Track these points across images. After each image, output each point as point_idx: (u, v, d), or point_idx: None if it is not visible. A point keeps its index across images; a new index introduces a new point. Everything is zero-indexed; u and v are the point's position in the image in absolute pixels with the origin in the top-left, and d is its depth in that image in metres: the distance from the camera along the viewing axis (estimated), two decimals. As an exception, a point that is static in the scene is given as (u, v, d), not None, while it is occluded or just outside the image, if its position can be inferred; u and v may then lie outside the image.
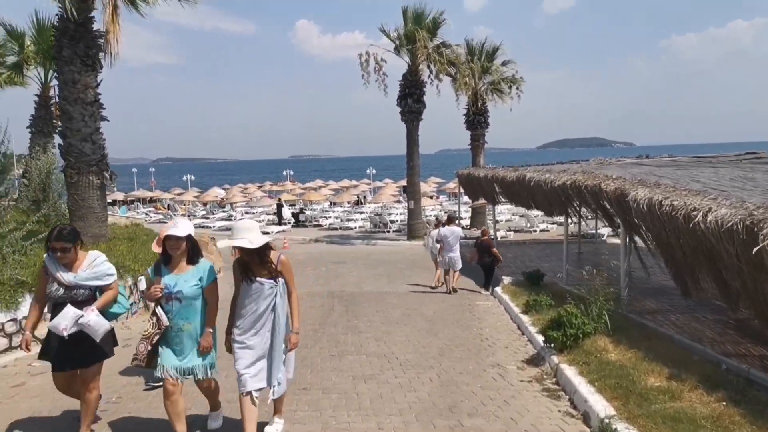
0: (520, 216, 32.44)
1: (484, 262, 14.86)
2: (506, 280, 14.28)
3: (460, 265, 14.62)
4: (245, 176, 70.42)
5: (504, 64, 27.96)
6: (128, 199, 44.13)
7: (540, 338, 8.29)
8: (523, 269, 17.52)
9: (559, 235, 25.89)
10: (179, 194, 42.23)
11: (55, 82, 18.45)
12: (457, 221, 15.86)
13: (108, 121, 13.08)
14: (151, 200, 43.26)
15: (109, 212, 37.99)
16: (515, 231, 27.22)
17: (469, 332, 9.65)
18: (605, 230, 24.57)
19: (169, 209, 40.69)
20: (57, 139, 18.63)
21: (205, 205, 41.77)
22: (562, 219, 30.56)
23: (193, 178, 48.98)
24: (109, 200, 44.30)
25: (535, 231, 26.93)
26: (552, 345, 7.48)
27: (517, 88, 27.89)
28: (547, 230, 27.42)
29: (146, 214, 39.55)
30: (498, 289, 13.67)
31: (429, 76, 25.55)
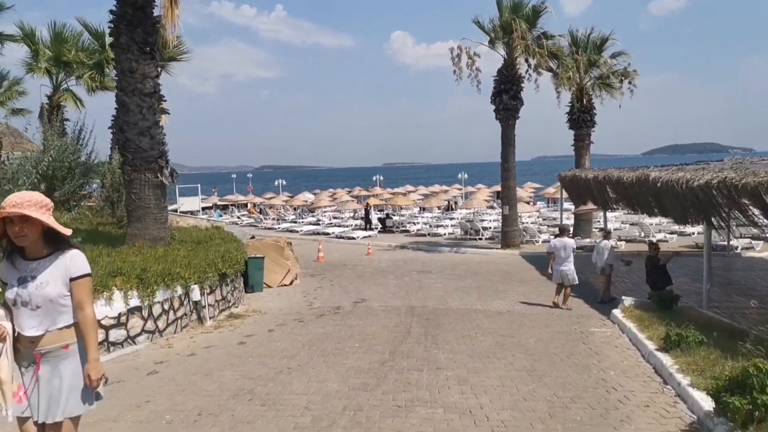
0: (631, 224, 28.62)
1: (655, 284, 12.06)
2: (627, 301, 11.40)
3: (574, 281, 12.29)
4: (338, 182, 70.13)
5: (614, 56, 24.52)
6: (223, 203, 44.55)
7: (700, 397, 5.62)
8: (641, 287, 14.54)
9: (682, 247, 22.13)
10: (269, 198, 41.95)
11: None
12: (569, 232, 13.44)
13: (169, 113, 11.74)
14: (245, 204, 43.37)
15: (205, 215, 38.27)
16: (626, 241, 23.66)
17: (587, 376, 7.07)
18: (739, 242, 20.56)
19: (260, 212, 40.40)
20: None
21: (295, 209, 41.14)
22: (682, 228, 26.66)
23: (284, 183, 48.81)
24: (206, 204, 45.14)
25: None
26: (729, 415, 4.82)
27: (630, 82, 24.31)
28: (665, 240, 23.61)
29: (238, 217, 39.45)
30: (617, 313, 10.85)
31: (527, 71, 22.75)
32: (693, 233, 25.27)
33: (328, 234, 29.88)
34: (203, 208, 42.96)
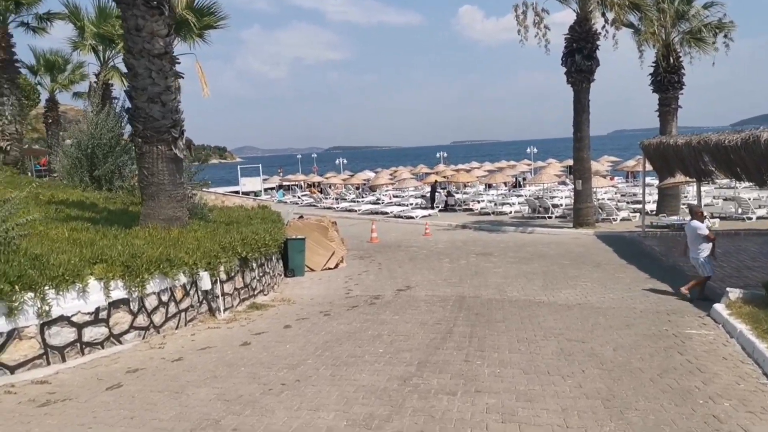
0: (725, 200, 25.02)
1: None
2: (733, 293, 8.91)
3: (704, 272, 9.95)
4: (405, 161, 68.31)
5: (707, 6, 20.95)
6: (286, 183, 43.90)
7: None
8: (744, 273, 11.93)
9: (789, 225, 18.76)
10: (328, 178, 40.79)
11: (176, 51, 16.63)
12: (699, 214, 10.54)
13: (183, 77, 10.35)
14: (308, 185, 42.48)
15: (267, 196, 37.63)
16: (721, 218, 20.41)
17: (689, 410, 4.93)
18: None
19: (321, 192, 39.35)
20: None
21: (357, 188, 39.78)
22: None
23: (345, 161, 47.49)
24: (269, 185, 44.71)
25: (749, 219, 19.91)
26: None
27: (726, 36, 20.74)
28: (766, 217, 20.18)
29: (299, 197, 38.57)
30: (720, 309, 8.46)
31: (603, 27, 19.75)
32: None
33: (386, 213, 28.23)
34: (266, 189, 42.54)
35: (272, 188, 43.50)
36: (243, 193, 35.54)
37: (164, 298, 7.78)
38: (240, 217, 14.51)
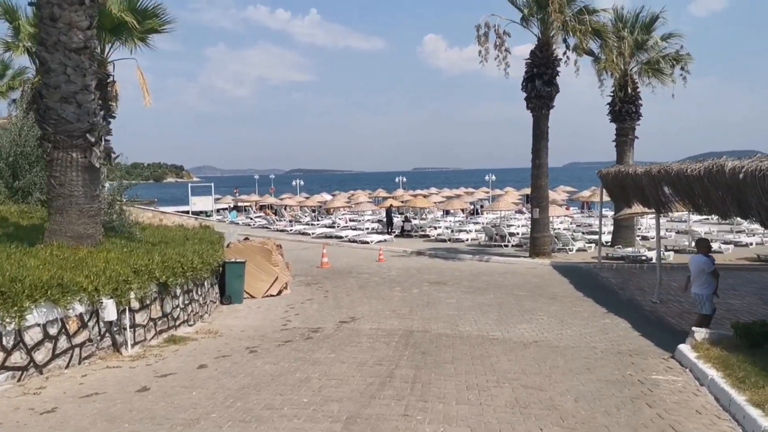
0: (678, 233, 25.01)
1: None
2: (699, 334, 8.18)
3: (704, 309, 8.99)
4: (365, 186, 67.59)
5: (665, 38, 21.02)
6: (239, 204, 42.26)
7: None
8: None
9: (740, 259, 18.59)
10: (283, 199, 39.41)
11: (115, 56, 15.33)
12: (705, 247, 9.69)
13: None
14: (260, 206, 41.00)
15: (219, 216, 35.98)
16: (676, 251, 20.18)
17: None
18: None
19: (276, 214, 37.94)
20: (114, 124, 15.49)
21: (313, 211, 38.55)
22: (739, 239, 22.95)
23: (302, 183, 46.20)
24: (222, 205, 43.02)
25: (703, 253, 19.69)
26: None
27: (683, 68, 20.81)
28: (720, 252, 20.02)
29: (252, 218, 37.04)
30: (686, 350, 7.71)
31: (564, 53, 19.51)
32: (751, 243, 21.62)
33: (341, 237, 27.16)
34: (218, 209, 40.84)
35: (224, 208, 41.81)
36: (193, 212, 33.87)
37: (52, 330, 6.46)
38: (175, 237, 13.20)
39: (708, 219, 29.14)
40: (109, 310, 7.23)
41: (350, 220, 33.63)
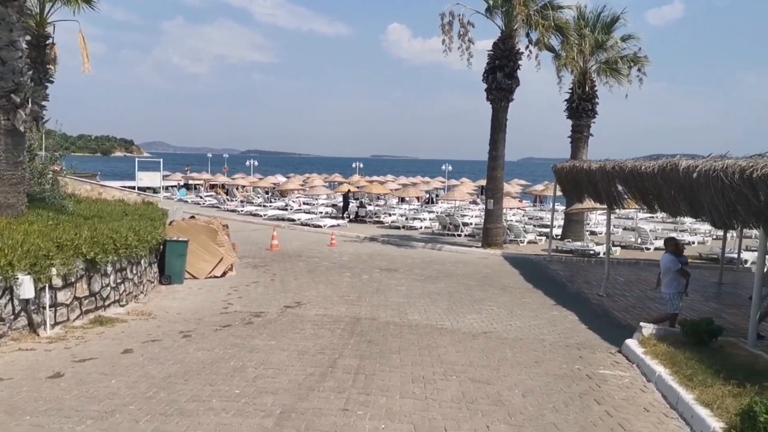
0: (625, 229, 25.55)
1: None
2: (646, 329, 8.14)
3: (671, 308, 8.88)
4: (322, 170, 66.57)
5: (625, 39, 21.19)
6: (189, 182, 40.79)
7: None
8: (650, 305, 11.53)
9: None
10: (235, 179, 38.18)
11: (56, 17, 14.19)
12: (674, 245, 9.49)
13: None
14: (211, 185, 39.66)
15: (167, 193, 34.58)
16: (622, 247, 20.55)
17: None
18: (750, 255, 17.48)
19: (227, 194, 36.79)
20: (52, 89, 14.40)
21: (267, 192, 37.57)
22: (683, 238, 23.56)
23: (256, 164, 44.90)
24: (170, 183, 41.37)
25: (648, 249, 20.14)
26: None
27: (639, 69, 21.04)
28: (664, 249, 20.47)
29: (202, 197, 35.80)
30: (633, 345, 7.64)
31: (527, 47, 19.42)
32: (693, 242, 22.25)
33: (293, 220, 26.51)
34: (166, 186, 39.27)
35: (173, 186, 40.29)
36: (139, 188, 32.37)
37: (-47, 308, 5.75)
38: (112, 212, 12.40)
39: (653, 217, 29.99)
40: (26, 287, 6.54)
41: (304, 203, 32.94)
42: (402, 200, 33.90)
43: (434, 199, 35.37)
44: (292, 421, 4.49)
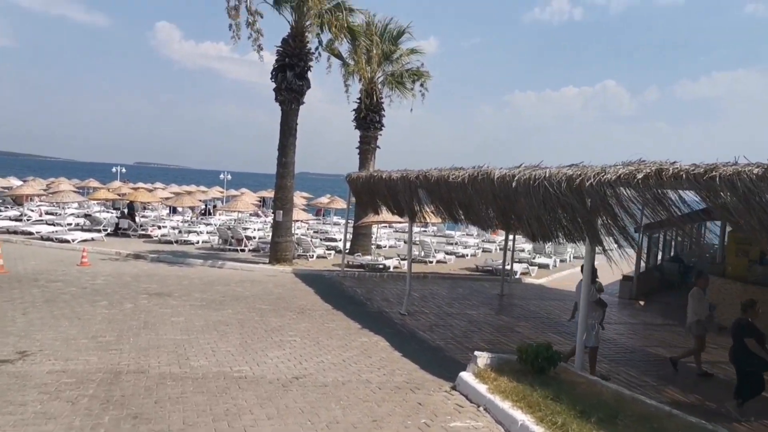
0: (405, 242, 25.89)
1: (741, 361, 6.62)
2: (481, 359, 7.04)
3: (587, 341, 7.44)
4: (74, 175, 56.58)
5: (412, 51, 21.30)
6: None
7: None
8: (450, 322, 10.96)
9: (463, 269, 19.60)
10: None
11: None
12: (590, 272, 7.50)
13: None
14: None
15: None
16: (403, 259, 20.42)
17: None
18: (518, 266, 18.66)
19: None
20: None
21: (-3, 199, 29.59)
22: (457, 250, 24.64)
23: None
24: None
25: (430, 262, 20.34)
26: None
27: (422, 85, 21.34)
28: (445, 262, 20.98)
29: None
30: (471, 381, 6.45)
31: (317, 48, 18.10)
32: (468, 255, 23.37)
33: (30, 233, 20.86)
34: None
35: None
36: None
37: None
38: None
39: (425, 231, 31.29)
40: None
41: (47, 213, 26.58)
42: (174, 210, 29.73)
43: (211, 210, 31.91)
44: None
